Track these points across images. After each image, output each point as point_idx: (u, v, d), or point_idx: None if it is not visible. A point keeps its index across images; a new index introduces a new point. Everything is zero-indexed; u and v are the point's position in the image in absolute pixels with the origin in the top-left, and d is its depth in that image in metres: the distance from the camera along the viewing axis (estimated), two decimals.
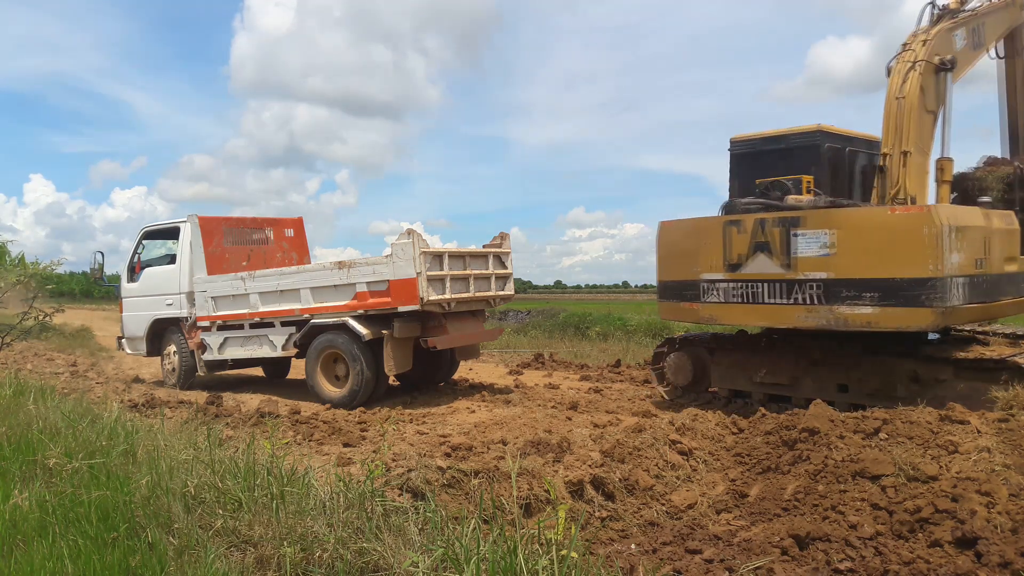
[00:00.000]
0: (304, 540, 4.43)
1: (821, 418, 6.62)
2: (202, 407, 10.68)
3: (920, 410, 6.64)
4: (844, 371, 9.19)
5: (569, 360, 16.71)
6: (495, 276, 12.42)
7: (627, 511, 5.60)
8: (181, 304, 13.66)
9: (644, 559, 4.67)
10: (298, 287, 11.92)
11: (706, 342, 10.86)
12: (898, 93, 8.76)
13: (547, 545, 4.01)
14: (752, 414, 7.75)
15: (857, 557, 4.59)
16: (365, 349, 11.18)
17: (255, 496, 5.09)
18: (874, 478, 5.41)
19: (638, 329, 21.75)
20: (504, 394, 11.72)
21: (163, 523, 4.89)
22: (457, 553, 3.94)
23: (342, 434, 9.01)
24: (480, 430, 8.33)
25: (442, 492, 5.53)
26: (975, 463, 5.42)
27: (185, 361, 13.72)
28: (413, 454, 6.42)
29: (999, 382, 7.74)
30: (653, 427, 7.19)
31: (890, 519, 4.95)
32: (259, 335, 12.67)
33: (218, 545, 4.55)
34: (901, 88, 8.76)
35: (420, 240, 10.79)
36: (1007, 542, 4.45)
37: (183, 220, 13.90)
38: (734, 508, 5.64)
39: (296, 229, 15.48)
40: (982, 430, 6.04)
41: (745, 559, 4.57)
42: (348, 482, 5.18)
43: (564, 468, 6.03)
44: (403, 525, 4.53)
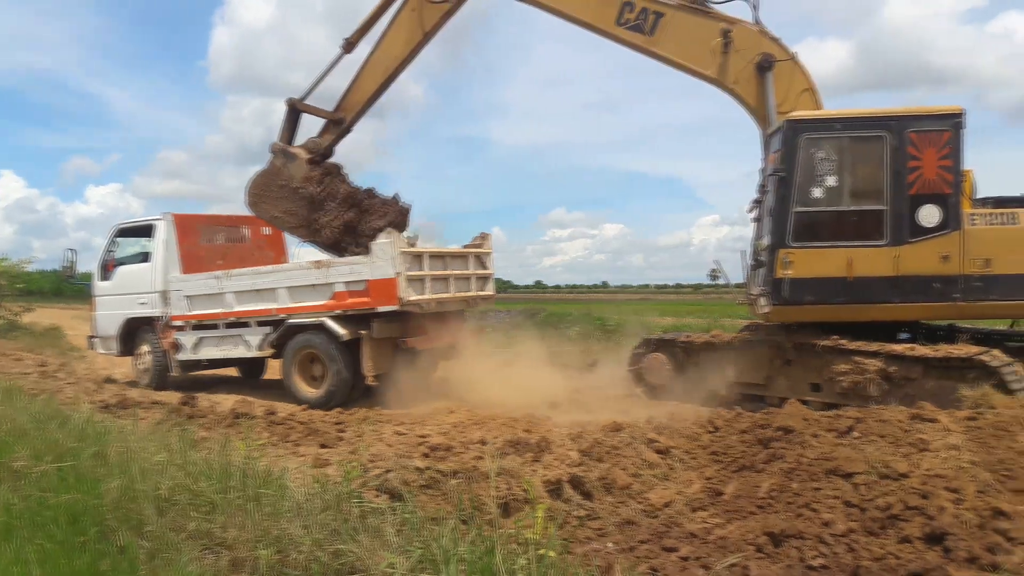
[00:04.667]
0: (279, 542, 4.40)
1: (795, 417, 6.70)
2: (176, 408, 10.56)
3: (892, 409, 6.75)
4: (817, 370, 9.30)
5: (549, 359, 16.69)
6: (475, 276, 12.41)
7: (605, 510, 5.62)
8: (155, 303, 13.51)
9: (621, 557, 4.69)
10: (275, 286, 11.85)
11: (682, 342, 10.94)
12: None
13: (525, 545, 4.02)
14: (728, 413, 7.82)
15: (830, 554, 4.65)
16: (343, 349, 11.13)
17: (229, 498, 5.04)
18: (847, 476, 5.49)
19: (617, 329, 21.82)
20: (483, 394, 11.70)
21: (134, 526, 4.83)
22: (435, 554, 3.93)
23: (319, 435, 8.95)
24: (459, 430, 8.31)
25: (420, 493, 5.52)
26: (944, 460, 5.51)
27: (158, 361, 13.58)
28: (391, 455, 6.40)
29: (967, 381, 7.87)
30: (631, 426, 7.23)
31: (862, 516, 5.01)
32: (234, 335, 12.58)
33: (191, 548, 4.50)
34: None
35: (400, 240, 10.76)
36: (974, 537, 4.53)
37: (158, 218, 13.76)
38: (710, 506, 5.68)
39: (273, 227, 15.35)
40: (951, 428, 6.14)
41: (720, 556, 4.61)
42: (324, 483, 5.15)
43: (543, 467, 6.05)
44: (380, 526, 4.51)
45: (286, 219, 12.29)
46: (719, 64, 10.09)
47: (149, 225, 13.93)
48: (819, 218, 9.30)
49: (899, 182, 8.98)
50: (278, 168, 12.25)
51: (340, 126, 12.27)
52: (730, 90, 10.21)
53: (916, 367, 8.57)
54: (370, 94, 12.05)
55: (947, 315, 9.37)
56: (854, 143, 9.25)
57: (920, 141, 8.95)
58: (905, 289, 8.96)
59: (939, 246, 8.87)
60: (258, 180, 12.42)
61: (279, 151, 12.29)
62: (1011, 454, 5.65)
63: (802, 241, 9.20)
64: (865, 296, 9.04)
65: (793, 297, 9.20)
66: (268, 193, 12.30)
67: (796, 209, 9.20)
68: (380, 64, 11.85)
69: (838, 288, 9.07)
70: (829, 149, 9.18)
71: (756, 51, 9.98)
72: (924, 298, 8.94)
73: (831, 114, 9.53)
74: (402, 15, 11.55)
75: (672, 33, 10.18)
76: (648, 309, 23.58)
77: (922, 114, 9.08)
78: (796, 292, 9.19)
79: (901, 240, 8.95)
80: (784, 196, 9.23)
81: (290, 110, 12.37)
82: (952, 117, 8.99)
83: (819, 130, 9.24)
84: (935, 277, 8.90)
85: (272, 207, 12.32)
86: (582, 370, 14.92)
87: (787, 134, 9.26)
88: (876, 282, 9.01)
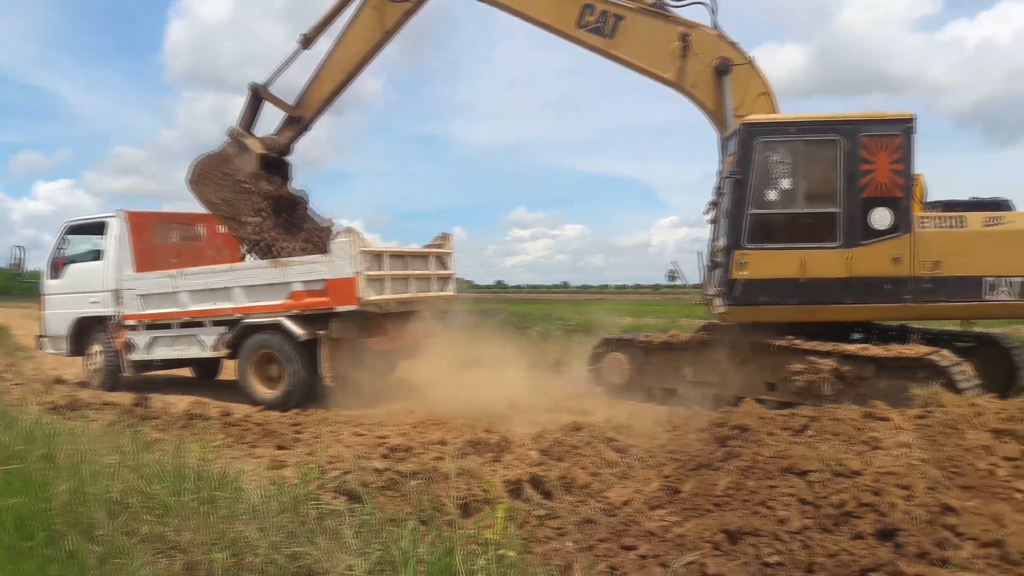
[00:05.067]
0: (235, 545, 4.33)
1: (751, 416, 6.79)
2: (128, 409, 10.36)
3: (845, 407, 6.88)
4: (772, 370, 9.44)
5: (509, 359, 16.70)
6: (436, 277, 12.36)
7: (564, 509, 5.64)
8: (107, 302, 13.23)
9: (580, 556, 4.70)
10: (231, 285, 11.67)
11: (641, 342, 11.02)
12: None
13: (485, 545, 4.01)
14: (686, 412, 7.90)
15: (785, 550, 4.70)
16: (300, 350, 11.00)
17: (184, 500, 4.96)
18: (802, 473, 5.57)
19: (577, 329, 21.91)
20: (443, 394, 11.66)
21: (85, 530, 4.72)
22: (394, 556, 3.91)
23: (275, 436, 8.85)
24: (419, 431, 8.29)
25: (379, 494, 5.48)
26: (896, 458, 5.62)
27: (110, 361, 13.30)
28: (349, 456, 6.36)
29: (918, 380, 8.05)
30: (590, 425, 7.27)
31: (817, 513, 5.09)
32: (189, 335, 12.37)
33: (144, 552, 4.41)
34: None
35: (359, 239, 10.67)
36: (924, 533, 4.62)
37: (111, 215, 13.47)
38: (668, 504, 5.72)
39: None
40: (902, 426, 6.27)
41: (678, 554, 4.64)
42: (281, 485, 5.10)
43: (503, 467, 6.06)
44: (338, 528, 4.47)
45: (220, 206, 12.30)
46: (678, 67, 10.18)
47: (101, 222, 13.64)
48: (774, 220, 9.44)
49: (852, 185, 9.14)
50: (228, 155, 12.22)
51: (299, 124, 12.18)
52: (688, 93, 10.31)
53: (869, 367, 8.74)
54: (329, 93, 11.99)
55: (898, 316, 9.56)
56: (808, 147, 9.41)
57: (872, 145, 9.12)
58: (857, 290, 9.12)
59: (890, 248, 9.06)
60: (205, 161, 12.37)
61: (236, 138, 12.22)
62: (959, 451, 5.78)
63: (757, 242, 9.33)
64: (818, 297, 9.20)
65: (747, 298, 9.32)
66: (211, 176, 12.27)
67: (751, 211, 9.33)
68: (340, 62, 11.77)
69: (792, 289, 9.22)
70: (784, 152, 9.33)
71: (714, 55, 10.10)
72: (875, 299, 9.11)
73: (786, 118, 9.68)
74: (363, 13, 11.47)
75: (632, 36, 10.26)
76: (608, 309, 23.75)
77: (874, 119, 9.26)
78: (751, 293, 9.31)
79: (853, 242, 9.12)
80: (739, 198, 9.34)
81: (252, 95, 12.26)
82: (903, 122, 9.17)
83: (774, 133, 9.38)
84: (886, 279, 9.08)
85: (211, 191, 12.31)
86: (542, 370, 14.95)
87: (742, 137, 9.38)
88: (829, 283, 9.17)
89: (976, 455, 5.69)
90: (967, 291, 9.03)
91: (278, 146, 12.21)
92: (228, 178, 12.10)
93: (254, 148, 12.06)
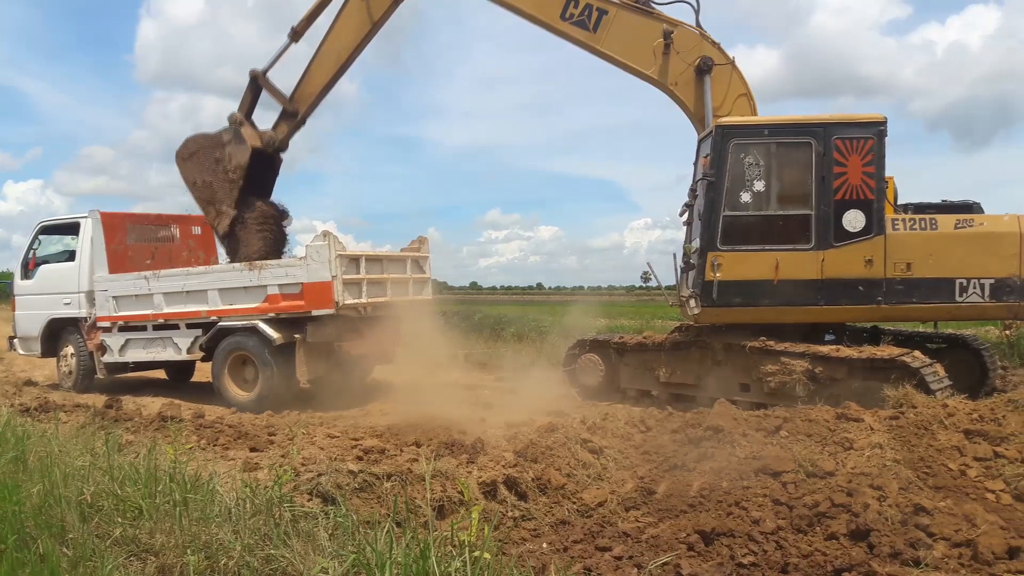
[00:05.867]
0: (208, 548, 4.30)
1: (725, 416, 6.83)
2: (100, 411, 10.24)
3: (818, 408, 6.94)
4: (746, 371, 9.50)
5: (484, 361, 16.73)
6: (413, 280, 12.33)
7: (539, 510, 5.64)
8: (80, 303, 13.09)
9: (555, 558, 4.72)
10: (205, 288, 11.57)
11: (615, 343, 11.06)
12: None
13: (460, 547, 4.01)
14: (660, 413, 7.93)
15: (760, 551, 4.74)
16: (276, 353, 10.93)
17: (157, 503, 4.92)
18: (775, 474, 5.61)
19: (551, 330, 21.94)
20: (419, 396, 11.63)
21: (56, 533, 4.67)
22: (369, 558, 3.90)
23: (249, 438, 8.77)
24: (394, 433, 8.25)
25: (353, 496, 5.46)
26: (868, 459, 5.69)
27: (83, 363, 13.15)
28: (323, 458, 6.31)
29: (890, 381, 8.14)
30: (565, 427, 7.27)
31: (790, 514, 5.13)
32: (163, 337, 12.25)
33: (116, 555, 4.37)
34: None
35: (336, 242, 10.61)
36: (897, 533, 4.68)
37: (83, 215, 13.32)
38: (642, 505, 5.74)
39: (204, 227, 14.98)
40: (875, 427, 6.34)
41: (653, 555, 4.66)
42: (255, 487, 5.06)
43: (478, 469, 6.05)
44: (313, 531, 4.45)
45: (201, 190, 12.15)
46: (660, 65, 10.22)
47: (74, 223, 13.49)
48: (747, 222, 9.51)
49: (825, 187, 9.23)
50: (223, 141, 11.99)
51: (294, 118, 12.03)
52: (670, 91, 10.34)
53: (841, 368, 8.83)
54: (322, 86, 11.88)
55: (870, 318, 9.68)
56: (782, 149, 9.49)
57: (845, 147, 9.23)
58: (830, 292, 9.22)
59: (863, 250, 9.16)
60: (199, 139, 12.21)
61: (234, 125, 12.01)
62: (931, 452, 5.86)
63: (730, 244, 9.40)
64: (792, 299, 9.27)
65: (722, 299, 9.38)
66: (200, 157, 12.10)
67: (725, 213, 9.39)
68: (331, 55, 11.68)
69: (765, 291, 9.29)
70: (757, 154, 9.40)
71: (696, 54, 10.14)
72: (849, 301, 9.21)
73: (759, 120, 9.76)
74: (350, 4, 11.39)
75: (615, 31, 10.27)
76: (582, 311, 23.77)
77: (846, 121, 9.37)
78: (725, 294, 9.37)
79: (827, 244, 9.22)
80: (713, 200, 9.41)
81: (252, 81, 12.08)
82: (875, 125, 9.29)
83: (747, 135, 9.46)
84: (859, 280, 9.19)
85: (196, 172, 12.16)
86: (517, 371, 14.97)
87: (716, 139, 9.45)
88: (802, 285, 9.25)
89: (948, 456, 5.78)
90: (939, 293, 9.17)
91: (275, 142, 12.07)
92: (217, 164, 11.92)
93: (250, 140, 11.87)
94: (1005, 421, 6.31)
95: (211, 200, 12.07)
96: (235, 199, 11.87)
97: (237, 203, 11.91)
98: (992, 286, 9.17)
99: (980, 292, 9.20)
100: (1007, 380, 11.43)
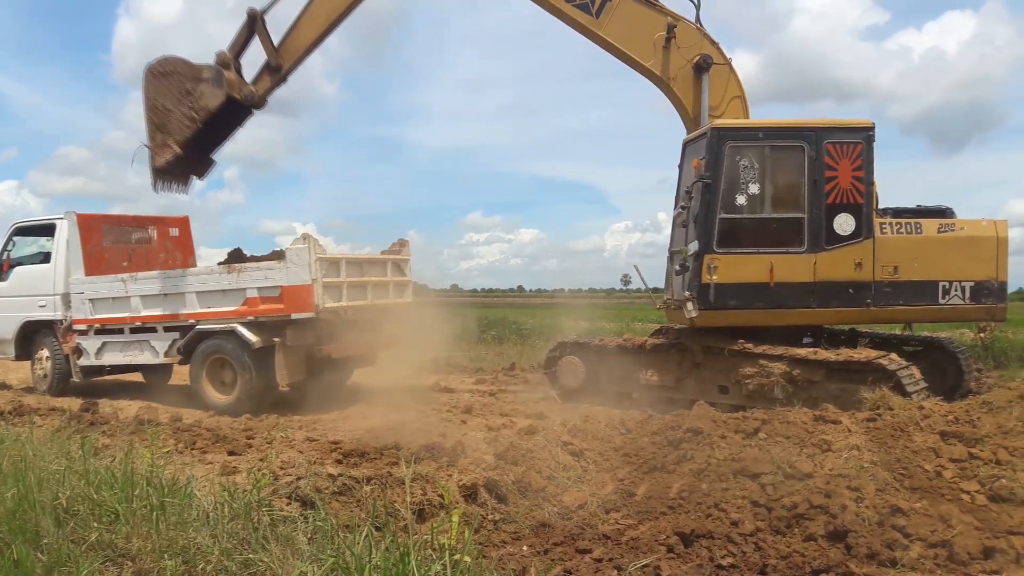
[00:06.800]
0: (186, 552, 4.27)
1: (704, 419, 6.86)
2: (76, 414, 10.11)
3: (796, 411, 6.98)
4: (725, 374, 9.55)
5: (465, 364, 16.72)
6: (393, 283, 12.28)
7: (520, 513, 5.64)
8: (55, 306, 12.94)
9: (536, 560, 4.72)
10: (183, 291, 11.47)
11: (595, 346, 11.08)
12: None
13: (440, 550, 4.00)
14: (640, 415, 7.95)
15: (739, 553, 4.77)
16: (255, 356, 10.84)
17: (133, 507, 4.86)
18: (754, 476, 5.65)
19: (532, 333, 21.96)
20: (399, 399, 11.61)
21: (31, 538, 4.60)
22: (348, 562, 3.88)
23: (227, 442, 8.70)
24: (373, 436, 8.21)
25: (333, 500, 5.44)
26: (846, 460, 5.73)
27: (59, 366, 12.99)
28: (302, 461, 6.27)
29: (867, 383, 8.21)
30: (546, 429, 7.29)
31: (769, 515, 5.17)
32: (140, 340, 12.13)
33: (92, 560, 4.32)
34: None
35: (316, 245, 10.54)
36: (874, 534, 4.73)
37: (59, 216, 13.17)
38: (622, 507, 5.76)
39: (181, 228, 14.87)
40: (852, 429, 6.39)
41: (633, 557, 4.67)
42: (233, 491, 5.02)
43: (458, 472, 6.03)
44: (291, 535, 4.43)
45: (158, 113, 11.29)
46: (660, 58, 10.22)
47: (50, 224, 13.33)
48: (743, 225, 9.54)
49: (817, 191, 9.35)
50: (201, 76, 11.13)
51: (277, 74, 11.36)
52: (667, 87, 10.33)
53: (819, 370, 8.90)
54: (311, 40, 11.30)
55: (860, 320, 9.84)
56: (776, 152, 9.57)
57: (836, 152, 9.37)
58: (822, 294, 9.35)
59: (853, 253, 9.33)
60: (178, 64, 11.28)
61: (218, 66, 11.14)
62: (907, 453, 5.91)
63: (726, 247, 9.41)
64: (786, 301, 9.37)
65: (719, 302, 9.39)
66: (172, 81, 11.22)
67: (721, 216, 9.40)
68: (323, 7, 11.11)
69: (760, 293, 9.36)
70: (752, 157, 9.44)
71: (696, 51, 10.20)
72: (840, 303, 9.37)
73: (755, 123, 9.81)
74: None
75: (618, 18, 10.20)
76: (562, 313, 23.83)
77: (839, 126, 9.52)
78: (721, 297, 9.39)
79: (819, 247, 9.34)
80: (710, 202, 9.40)
81: (249, 20, 11.28)
82: (865, 130, 9.47)
83: (743, 138, 9.49)
84: (850, 283, 9.34)
85: (161, 93, 11.26)
86: (498, 373, 14.98)
87: (712, 141, 9.44)
88: (796, 288, 9.37)
89: (924, 457, 5.83)
90: (924, 295, 9.40)
91: (254, 98, 11.36)
92: (186, 96, 11.10)
93: (227, 88, 11.05)
94: (980, 423, 6.38)
95: (162, 127, 11.23)
96: (186, 139, 11.14)
97: (186, 144, 11.20)
98: (972, 288, 9.44)
99: (961, 294, 9.45)
100: (982, 382, 11.59)
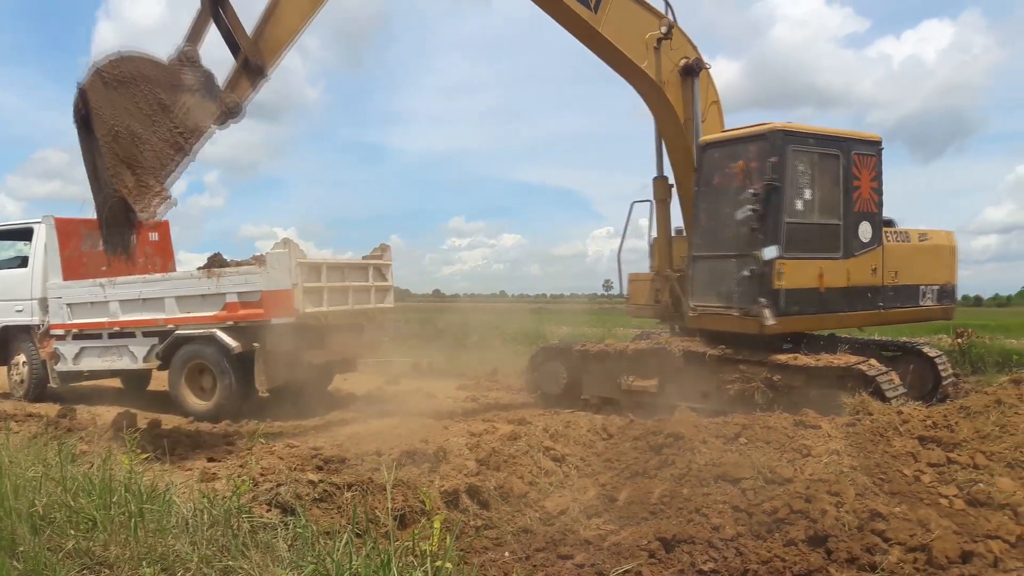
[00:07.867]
0: (165, 560, 4.23)
1: (685, 424, 6.88)
2: (53, 420, 10.02)
3: (776, 416, 7.01)
4: (706, 379, 9.60)
5: (447, 369, 16.69)
6: (375, 288, 12.25)
7: (501, 519, 5.64)
8: (33, 311, 12.82)
9: (518, 566, 4.71)
10: (162, 295, 11.38)
11: (577, 351, 11.10)
12: None
13: (422, 557, 3.98)
14: (621, 420, 7.96)
15: (720, 558, 4.79)
16: (235, 362, 10.77)
17: (111, 515, 4.81)
18: (735, 481, 5.67)
19: (515, 338, 21.97)
20: (380, 404, 11.57)
21: (6, 546, 4.54)
22: (328, 569, 3.86)
23: (206, 448, 8.65)
24: (354, 442, 8.18)
25: (313, 506, 5.40)
26: (826, 465, 5.76)
27: (36, 372, 12.86)
28: (283, 468, 6.23)
29: (847, 389, 8.28)
30: (528, 435, 7.27)
31: (750, 520, 5.19)
32: (119, 345, 12.02)
33: (69, 568, 4.27)
34: None
35: (297, 250, 10.49)
36: (854, 539, 4.76)
37: (37, 220, 13.05)
38: (604, 512, 5.77)
39: (161, 233, 14.75)
40: (832, 434, 6.42)
41: (615, 562, 4.68)
42: (212, 498, 4.98)
43: (440, 478, 6.01)
44: (271, 542, 4.40)
45: (120, 143, 7.72)
46: (651, 59, 10.21)
47: (27, 228, 13.21)
48: (803, 229, 9.49)
49: (848, 199, 9.66)
50: (184, 83, 7.97)
51: (258, 75, 8.34)
52: (659, 89, 10.25)
53: (799, 376, 8.96)
54: (296, 31, 8.61)
55: (873, 322, 10.38)
56: (822, 159, 9.66)
57: (860, 163, 9.75)
58: (852, 299, 9.70)
59: (871, 260, 9.75)
60: (142, 63, 7.85)
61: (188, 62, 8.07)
62: (887, 458, 5.96)
63: (791, 252, 9.28)
64: (830, 306, 9.57)
65: (787, 308, 9.28)
66: (135, 91, 7.78)
67: (787, 220, 9.27)
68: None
69: (813, 298, 9.47)
70: (806, 163, 9.53)
71: (682, 54, 10.27)
72: (863, 307, 9.76)
73: (808, 128, 9.82)
74: None
75: (614, 15, 10.06)
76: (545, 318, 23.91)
77: (860, 138, 9.93)
78: (788, 303, 9.29)
79: (851, 253, 9.65)
80: (776, 206, 9.21)
81: (211, 4, 8.17)
82: (877, 144, 10.03)
83: (800, 143, 9.50)
84: (868, 287, 9.77)
85: (119, 111, 7.74)
86: (480, 378, 14.96)
87: (776, 143, 9.29)
88: (836, 292, 9.62)
89: (903, 462, 5.87)
90: (912, 298, 10.10)
91: (238, 108, 8.24)
92: (162, 112, 7.80)
93: (223, 100, 8.12)
94: (958, 428, 6.44)
95: (130, 162, 7.74)
96: (170, 174, 7.91)
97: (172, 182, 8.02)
98: (938, 291, 10.38)
99: (932, 297, 10.30)
100: (959, 387, 11.69)
